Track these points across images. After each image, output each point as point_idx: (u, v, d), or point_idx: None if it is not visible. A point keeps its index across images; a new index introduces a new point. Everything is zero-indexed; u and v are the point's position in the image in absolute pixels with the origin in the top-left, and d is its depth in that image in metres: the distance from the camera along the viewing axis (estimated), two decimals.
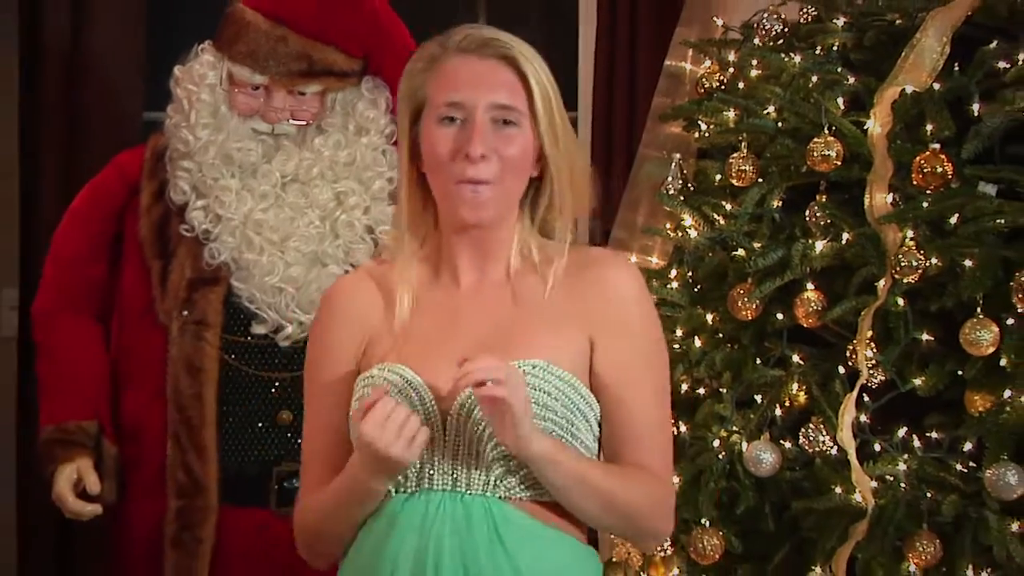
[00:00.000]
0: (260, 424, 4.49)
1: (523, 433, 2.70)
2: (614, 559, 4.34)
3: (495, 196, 2.83)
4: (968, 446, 3.86)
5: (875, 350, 3.91)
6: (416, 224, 2.98)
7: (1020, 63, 3.94)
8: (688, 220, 4.28)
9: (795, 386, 4.02)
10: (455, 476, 2.82)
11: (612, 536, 4.18)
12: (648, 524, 2.97)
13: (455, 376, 2.69)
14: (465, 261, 2.95)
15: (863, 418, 3.92)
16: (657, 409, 2.95)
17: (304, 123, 4.51)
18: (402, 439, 2.65)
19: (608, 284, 2.95)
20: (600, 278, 2.96)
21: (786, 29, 4.34)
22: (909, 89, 3.98)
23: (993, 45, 3.99)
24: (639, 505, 2.92)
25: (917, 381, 3.93)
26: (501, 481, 2.82)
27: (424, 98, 2.89)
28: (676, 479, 4.13)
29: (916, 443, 3.91)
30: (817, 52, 4.21)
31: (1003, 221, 3.84)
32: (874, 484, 3.83)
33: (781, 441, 3.98)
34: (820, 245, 4.02)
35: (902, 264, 3.86)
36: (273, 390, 4.48)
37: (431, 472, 2.83)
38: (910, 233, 3.89)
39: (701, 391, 4.18)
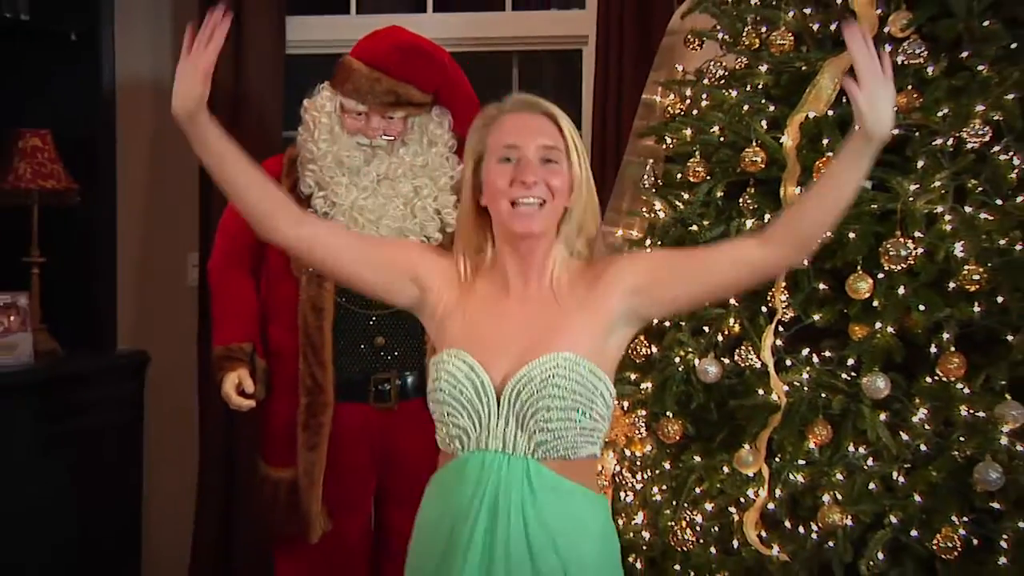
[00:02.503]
0: (362, 346, 4.52)
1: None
2: (605, 440, 4.36)
3: (543, 213, 2.84)
4: (851, 361, 3.87)
5: (787, 295, 3.92)
6: (471, 241, 2.98)
7: None
8: (658, 205, 4.28)
9: (732, 320, 4.02)
10: (504, 441, 2.84)
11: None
12: None
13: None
14: (514, 271, 2.94)
15: (778, 342, 3.93)
16: (696, 250, 3.29)
17: (392, 138, 4.53)
18: None
19: (612, 264, 2.99)
20: (607, 268, 2.98)
21: (726, 73, 4.33)
22: (811, 115, 3.97)
23: None
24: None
25: (816, 316, 3.94)
26: (537, 447, 2.84)
27: (484, 148, 2.92)
28: (648, 385, 4.20)
29: (815, 360, 3.92)
30: (747, 89, 4.20)
31: (875, 206, 3.85)
32: (785, 388, 3.84)
33: (722, 358, 3.99)
34: (749, 223, 4.02)
35: None
36: (371, 322, 4.51)
37: (487, 438, 2.85)
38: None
39: (667, 324, 4.18)
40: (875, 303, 3.85)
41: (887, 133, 2.85)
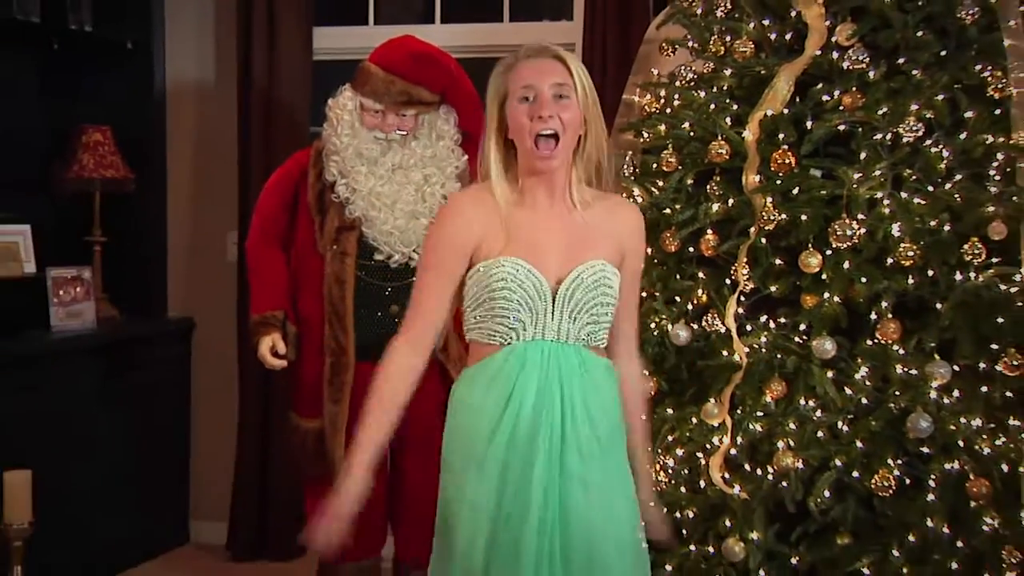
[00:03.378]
0: (379, 313, 4.50)
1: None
2: None
3: (559, 150, 2.89)
4: (802, 327, 3.86)
5: (748, 269, 3.91)
6: (501, 168, 3.00)
7: (835, 97, 3.95)
8: (636, 191, 4.26)
9: (700, 291, 4.02)
10: (557, 331, 2.93)
11: None
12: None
13: None
14: (540, 194, 2.98)
15: (740, 310, 3.92)
16: (637, 296, 3.19)
17: (405, 133, 4.51)
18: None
19: (634, 222, 3.10)
20: (629, 217, 3.10)
21: (695, 76, 4.31)
22: (769, 112, 3.97)
23: (819, 86, 3.99)
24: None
25: (773, 288, 3.93)
26: (582, 335, 2.96)
27: (506, 90, 2.95)
28: None
29: (772, 325, 3.92)
30: (714, 90, 4.18)
31: (824, 192, 3.85)
32: (746, 350, 3.84)
33: (691, 324, 3.98)
34: (716, 206, 4.02)
35: (764, 217, 3.88)
36: (386, 293, 4.49)
37: (544, 329, 2.92)
38: (769, 199, 3.88)
39: (644, 294, 4.17)
40: (824, 276, 3.85)
41: None
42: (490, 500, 2.93)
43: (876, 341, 3.81)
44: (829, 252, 3.83)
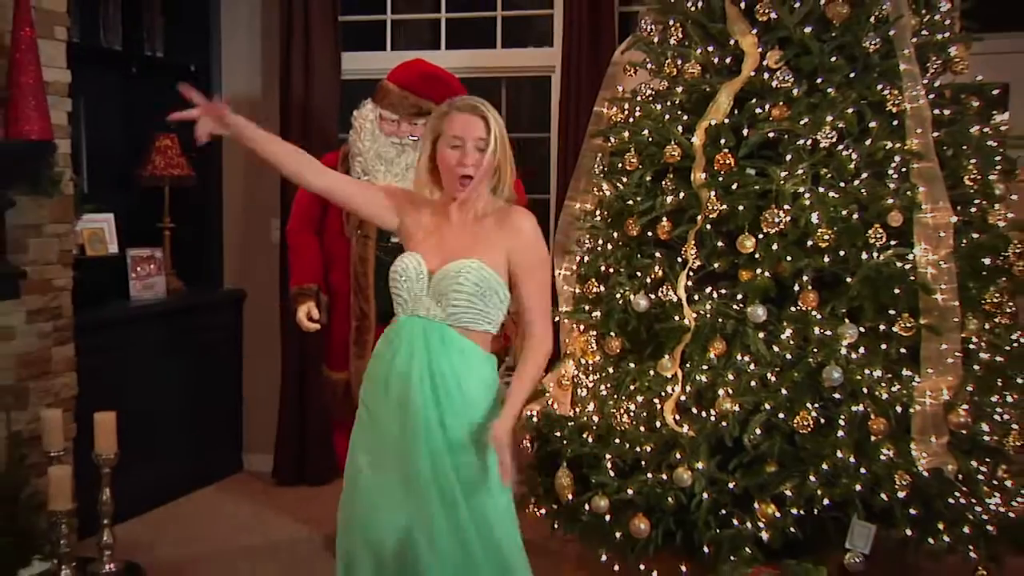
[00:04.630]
0: None
1: (507, 438, 2.98)
2: (569, 350, 4.41)
3: (472, 184, 3.04)
4: (739, 296, 3.88)
5: (695, 250, 3.91)
6: (426, 186, 3.16)
7: (766, 110, 3.95)
8: (605, 186, 4.27)
9: (656, 267, 4.00)
10: (428, 310, 3.04)
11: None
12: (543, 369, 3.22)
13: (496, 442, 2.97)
14: (453, 209, 3.10)
15: (689, 283, 3.92)
16: (540, 291, 3.14)
17: (416, 138, 4.51)
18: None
19: (517, 226, 3.10)
20: (516, 224, 3.10)
21: (653, 92, 4.31)
22: (713, 122, 3.97)
23: (753, 101, 3.99)
24: (539, 372, 3.18)
25: (716, 265, 3.94)
26: (448, 317, 3.03)
27: (441, 130, 3.06)
28: (597, 313, 4.19)
29: (715, 295, 3.93)
30: (668, 104, 4.18)
31: (757, 187, 3.85)
32: (694, 315, 3.85)
33: (650, 294, 3.97)
34: (669, 199, 4.01)
35: (709, 208, 3.87)
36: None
37: (417, 307, 3.05)
38: (713, 193, 3.88)
39: (611, 271, 4.18)
40: (757, 255, 3.86)
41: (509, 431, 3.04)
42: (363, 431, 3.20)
43: (798, 308, 3.83)
44: (761, 236, 3.84)
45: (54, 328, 4.55)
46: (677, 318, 3.91)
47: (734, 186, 3.91)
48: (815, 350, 3.77)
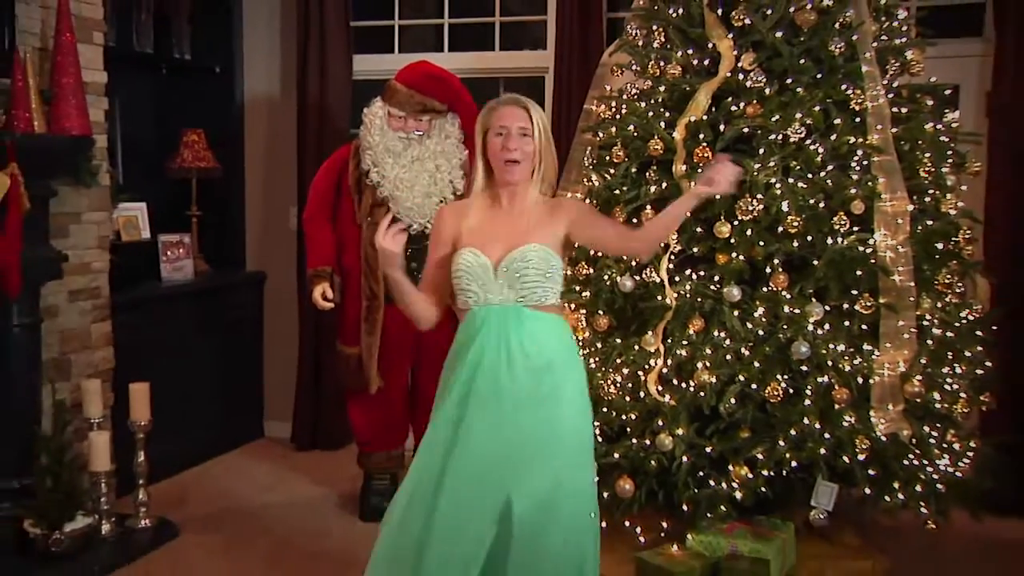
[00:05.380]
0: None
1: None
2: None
3: (520, 168, 3.00)
4: (717, 278, 3.88)
5: (676, 235, 3.88)
6: (483, 182, 3.09)
7: (741, 108, 3.94)
8: (594, 177, 4.26)
9: None
10: (501, 297, 2.97)
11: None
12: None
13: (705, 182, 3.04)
14: (505, 199, 3.06)
15: (671, 265, 3.93)
16: (601, 218, 3.27)
17: (421, 133, 4.51)
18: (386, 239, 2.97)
19: (570, 205, 3.19)
20: (566, 204, 3.18)
21: (638, 91, 4.29)
22: (693, 119, 3.96)
23: (729, 99, 3.98)
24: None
25: (695, 249, 3.94)
26: (520, 299, 2.97)
27: (488, 125, 3.04)
28: (587, 293, 4.14)
29: (694, 277, 3.92)
30: (652, 102, 4.16)
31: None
32: (675, 295, 3.86)
33: (635, 276, 3.97)
34: (653, 189, 4.00)
35: None
36: (408, 253, 4.39)
37: (490, 296, 2.97)
38: (693, 183, 3.91)
39: (598, 255, 4.15)
40: (732, 240, 3.85)
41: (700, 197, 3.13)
42: (446, 414, 2.99)
43: (770, 288, 3.83)
44: (736, 223, 3.84)
45: (93, 307, 4.57)
46: (659, 298, 3.91)
47: None
48: (785, 327, 3.78)
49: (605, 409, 3.95)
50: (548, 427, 2.95)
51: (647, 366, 3.90)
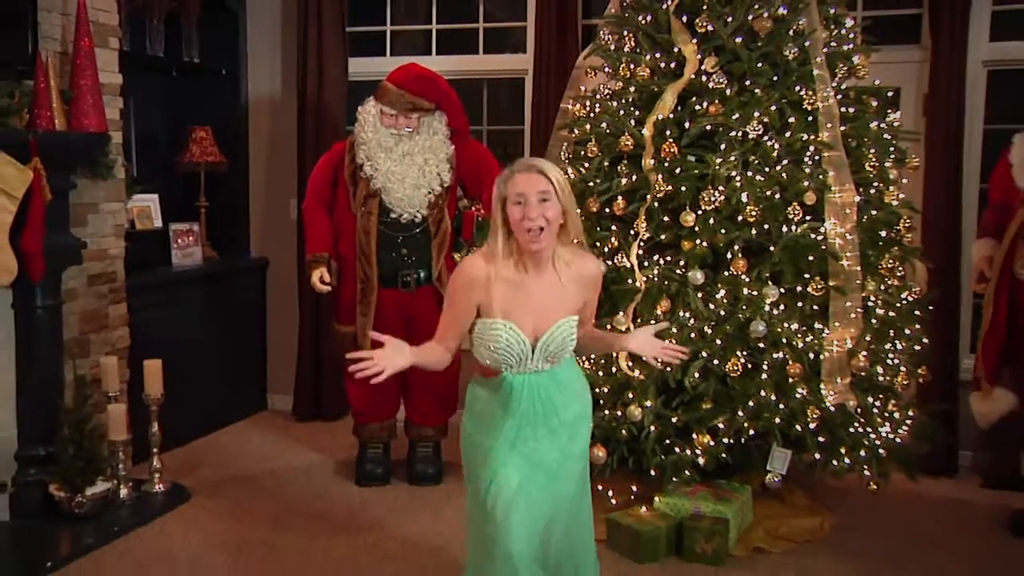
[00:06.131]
0: (393, 254, 4.47)
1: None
2: None
3: (543, 236, 2.67)
4: (682, 263, 3.89)
5: (645, 223, 3.91)
6: (505, 249, 2.73)
7: (704, 107, 3.94)
8: (570, 170, 4.25)
9: (613, 238, 4.01)
10: (536, 367, 2.75)
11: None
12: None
13: (651, 352, 2.92)
14: (531, 266, 2.73)
15: (640, 252, 3.93)
16: (595, 306, 2.95)
17: (411, 130, 4.46)
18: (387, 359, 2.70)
19: (593, 274, 2.84)
20: (591, 271, 2.84)
21: (610, 92, 4.29)
22: (660, 117, 3.97)
23: (693, 99, 3.99)
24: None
25: (662, 236, 3.95)
26: (553, 366, 2.77)
27: (506, 194, 2.70)
28: None
29: (661, 262, 3.94)
30: (623, 101, 4.17)
31: (697, 171, 3.86)
32: (644, 278, 3.86)
33: (607, 261, 3.97)
34: (624, 181, 4.01)
35: (656, 188, 3.87)
36: (399, 240, 4.47)
37: (528, 366, 2.74)
38: (660, 176, 3.89)
39: (576, 241, 4.15)
40: (696, 228, 3.86)
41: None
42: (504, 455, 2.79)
43: (730, 272, 3.85)
44: (700, 212, 3.85)
45: (110, 290, 4.54)
46: (630, 281, 3.91)
47: (677, 170, 3.92)
48: (744, 307, 3.79)
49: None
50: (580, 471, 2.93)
51: None
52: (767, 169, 3.87)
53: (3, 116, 3.79)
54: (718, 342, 3.79)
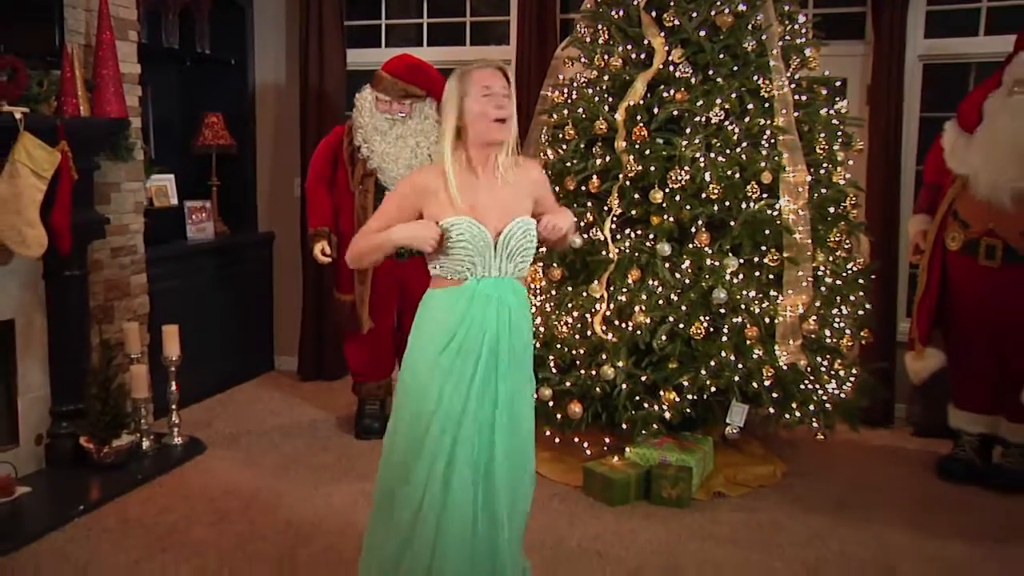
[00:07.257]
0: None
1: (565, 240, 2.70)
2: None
3: (507, 127, 2.52)
4: (651, 236, 3.89)
5: (618, 200, 3.91)
6: (454, 147, 2.54)
7: (671, 94, 3.92)
8: (549, 152, 4.25)
9: (588, 214, 4.00)
10: (498, 270, 2.51)
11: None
12: None
13: (544, 225, 2.59)
14: (480, 166, 2.54)
15: (613, 225, 3.93)
16: (552, 197, 2.75)
17: (404, 115, 4.42)
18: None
19: (536, 173, 2.66)
20: (534, 175, 2.65)
21: (586, 80, 4.26)
22: (631, 103, 3.95)
23: (662, 87, 3.98)
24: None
25: (633, 211, 3.95)
26: (512, 272, 2.52)
27: (467, 89, 2.52)
28: (543, 249, 4.09)
29: (632, 235, 3.93)
30: (597, 89, 4.15)
31: (665, 153, 3.85)
32: (616, 250, 3.87)
33: (583, 234, 3.97)
34: (598, 161, 4.00)
35: (628, 168, 3.88)
36: None
37: (487, 270, 2.50)
38: (631, 157, 3.88)
39: None
40: (664, 205, 3.86)
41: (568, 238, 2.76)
42: (436, 389, 2.52)
43: (694, 245, 3.85)
44: (667, 190, 3.84)
45: (131, 261, 4.51)
46: (604, 252, 3.91)
47: (647, 152, 3.91)
48: (707, 276, 3.80)
49: (559, 345, 3.96)
50: (526, 405, 2.64)
51: (593, 310, 3.91)
52: (728, 151, 3.86)
53: (33, 103, 3.76)
54: (683, 308, 3.79)
